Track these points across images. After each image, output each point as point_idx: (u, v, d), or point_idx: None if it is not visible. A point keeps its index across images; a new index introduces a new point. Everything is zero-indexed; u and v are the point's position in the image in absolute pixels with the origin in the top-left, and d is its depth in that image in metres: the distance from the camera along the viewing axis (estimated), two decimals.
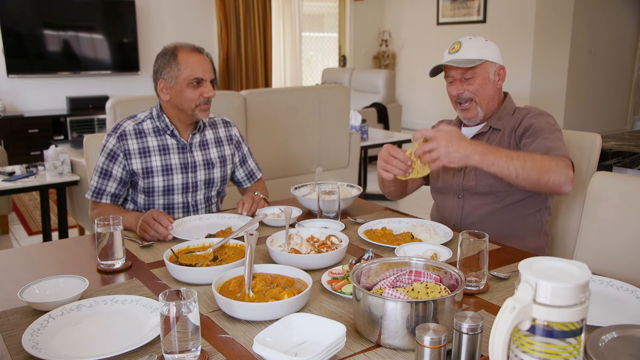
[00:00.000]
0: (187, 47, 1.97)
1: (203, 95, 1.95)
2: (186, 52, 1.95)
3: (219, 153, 2.12)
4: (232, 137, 2.19)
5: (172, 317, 0.99)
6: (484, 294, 1.34)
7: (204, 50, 2.01)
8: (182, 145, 2.03)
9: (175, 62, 1.94)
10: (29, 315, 1.24)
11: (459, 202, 1.97)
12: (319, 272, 1.44)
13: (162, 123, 2.01)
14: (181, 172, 2.02)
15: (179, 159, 2.02)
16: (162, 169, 2.00)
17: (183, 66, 1.93)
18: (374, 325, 1.09)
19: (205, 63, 1.97)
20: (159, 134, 2.02)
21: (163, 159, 2.00)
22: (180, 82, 1.94)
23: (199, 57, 1.96)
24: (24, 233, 4.39)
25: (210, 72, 1.98)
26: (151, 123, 2.03)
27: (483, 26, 7.65)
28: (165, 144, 2.02)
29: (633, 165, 2.60)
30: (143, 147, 1.99)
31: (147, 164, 1.98)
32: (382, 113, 6.46)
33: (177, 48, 1.97)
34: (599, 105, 8.07)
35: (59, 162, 3.39)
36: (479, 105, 1.90)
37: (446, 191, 2.01)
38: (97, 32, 6.65)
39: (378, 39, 9.31)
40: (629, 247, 1.63)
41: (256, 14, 7.77)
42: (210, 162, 2.08)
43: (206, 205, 2.12)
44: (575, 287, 0.75)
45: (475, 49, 1.88)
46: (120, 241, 1.51)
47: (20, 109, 6.40)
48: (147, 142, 2.00)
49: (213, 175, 2.09)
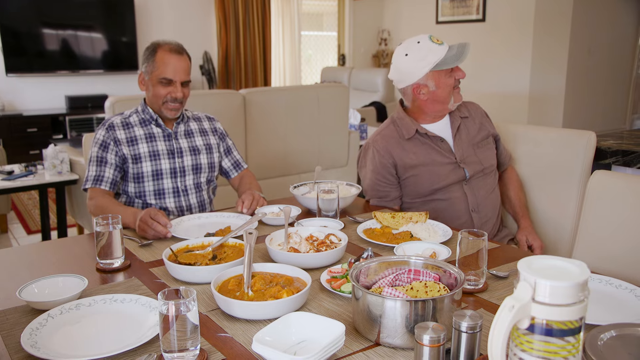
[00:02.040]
0: (167, 46, 2.05)
1: (170, 94, 2.04)
2: (164, 50, 2.03)
3: (205, 141, 2.21)
4: (217, 129, 2.28)
5: (171, 316, 0.99)
6: (483, 292, 1.34)
7: (184, 51, 2.08)
8: (167, 134, 2.13)
9: (152, 59, 2.04)
10: (27, 314, 1.24)
11: (468, 188, 2.06)
12: (318, 271, 1.44)
13: (147, 115, 2.12)
14: (168, 157, 2.10)
15: (165, 146, 2.11)
16: (149, 154, 2.08)
17: (157, 64, 2.03)
18: (373, 324, 1.09)
19: (180, 65, 2.04)
20: (144, 124, 2.12)
21: (150, 146, 2.09)
22: (153, 78, 2.05)
23: (175, 58, 2.04)
24: (23, 232, 4.39)
25: (182, 74, 2.05)
26: (137, 116, 2.13)
27: (482, 25, 7.64)
28: (151, 132, 2.11)
29: (632, 164, 2.60)
30: (130, 137, 2.08)
31: (135, 151, 2.07)
32: (381, 112, 6.46)
33: (158, 45, 2.05)
34: (598, 103, 8.06)
35: (57, 161, 3.39)
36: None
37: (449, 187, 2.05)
38: (96, 31, 6.64)
39: (377, 37, 9.30)
40: (628, 246, 1.63)
41: (255, 13, 7.76)
42: (196, 149, 2.17)
43: (196, 191, 2.16)
44: (574, 285, 0.75)
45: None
46: (119, 240, 1.51)
47: (19, 108, 6.39)
48: (134, 131, 2.10)
49: (200, 160, 2.17)
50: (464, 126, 2.12)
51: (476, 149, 2.10)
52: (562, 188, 2.05)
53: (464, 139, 2.09)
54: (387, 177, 2.08)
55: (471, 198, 2.06)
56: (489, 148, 2.14)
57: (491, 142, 2.16)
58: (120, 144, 2.06)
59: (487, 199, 2.09)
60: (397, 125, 2.10)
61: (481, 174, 2.08)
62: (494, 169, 2.14)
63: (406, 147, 2.06)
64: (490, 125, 2.18)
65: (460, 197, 2.06)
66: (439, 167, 2.04)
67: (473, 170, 2.06)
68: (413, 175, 2.05)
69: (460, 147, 2.07)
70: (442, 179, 2.03)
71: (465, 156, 2.06)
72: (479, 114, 2.18)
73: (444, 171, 2.04)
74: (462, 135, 2.10)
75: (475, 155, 2.09)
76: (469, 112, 2.16)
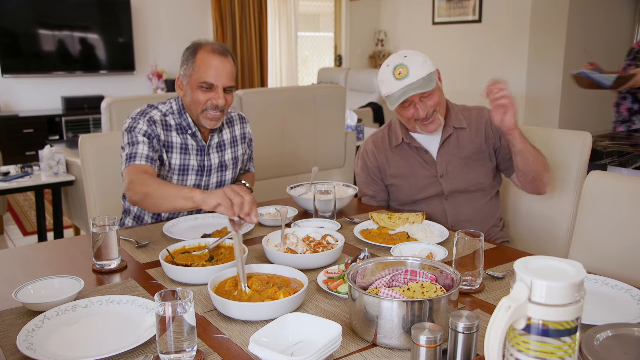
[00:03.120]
0: (210, 46, 1.85)
1: (211, 101, 1.85)
2: (206, 51, 1.84)
3: (233, 154, 2.08)
4: (246, 134, 2.15)
5: (168, 317, 0.99)
6: (480, 293, 1.34)
7: (229, 53, 1.88)
8: (201, 147, 1.97)
9: (192, 60, 1.85)
10: (23, 315, 1.24)
11: (446, 203, 2.00)
12: (314, 272, 1.44)
13: (185, 122, 1.94)
14: (196, 174, 1.98)
15: (196, 161, 1.97)
16: (179, 167, 1.95)
17: (198, 66, 1.83)
18: (369, 325, 1.09)
19: (223, 68, 1.84)
20: (181, 131, 1.94)
21: (182, 158, 1.95)
22: (192, 81, 1.85)
23: (218, 60, 1.83)
24: (19, 233, 4.38)
25: (226, 79, 1.85)
26: (173, 119, 1.94)
27: (479, 26, 7.66)
28: (186, 144, 1.95)
29: (627, 165, 2.61)
30: (167, 141, 1.92)
31: (167, 158, 1.92)
32: (377, 113, 6.46)
33: (199, 45, 1.86)
34: (594, 104, 8.08)
35: (54, 162, 3.39)
36: (439, 113, 1.94)
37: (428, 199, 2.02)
38: (93, 32, 6.63)
39: (374, 38, 9.31)
40: (624, 246, 1.64)
41: (252, 14, 7.76)
42: (224, 164, 2.04)
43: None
44: (570, 286, 0.75)
45: (420, 65, 1.86)
46: (115, 241, 1.51)
47: (15, 109, 6.37)
48: (171, 136, 1.92)
49: (225, 177, 2.07)
50: (456, 138, 2.00)
51: (464, 164, 1.99)
52: (558, 188, 2.05)
53: (451, 152, 2.00)
54: (374, 179, 2.10)
55: (451, 215, 1.99)
56: (481, 165, 2.00)
57: (485, 158, 2.00)
58: (160, 142, 1.89)
59: (473, 219, 1.99)
60: (390, 131, 2.09)
61: (464, 192, 1.99)
62: (483, 187, 2.00)
63: (390, 156, 2.06)
64: (492, 136, 1.99)
65: (439, 212, 2.00)
66: (419, 179, 2.02)
67: (452, 187, 1.98)
68: (394, 184, 2.06)
69: (443, 161, 2.00)
70: (421, 191, 2.02)
71: (449, 170, 1.99)
72: (482, 123, 2.01)
73: (423, 183, 2.01)
74: (449, 148, 2.00)
75: (461, 171, 1.98)
76: (468, 122, 2.01)
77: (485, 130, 2.01)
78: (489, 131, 2.00)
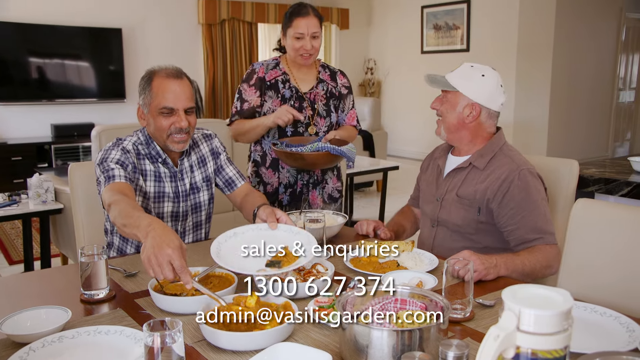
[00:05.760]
0: (164, 71, 1.85)
1: (174, 125, 1.84)
2: (161, 77, 1.84)
3: (204, 174, 2.05)
4: (214, 149, 2.09)
5: (157, 347, 0.98)
6: (470, 321, 1.34)
7: (184, 75, 1.88)
8: (173, 173, 1.96)
9: (149, 88, 1.85)
10: (8, 347, 1.21)
11: (433, 230, 2.01)
12: (304, 301, 1.44)
13: (154, 150, 1.93)
14: (173, 200, 1.97)
15: (171, 188, 1.96)
16: (154, 195, 1.93)
17: (155, 93, 1.83)
18: (360, 354, 1.08)
19: (181, 91, 1.84)
20: (152, 160, 1.93)
21: (157, 186, 1.94)
22: (153, 109, 1.84)
23: (175, 83, 1.83)
24: (5, 262, 4.32)
25: (185, 101, 1.84)
26: (142, 150, 1.93)
27: (466, 55, 7.79)
28: (159, 172, 1.94)
29: (614, 192, 2.64)
30: (142, 169, 1.91)
31: (145, 187, 1.91)
32: (367, 140, 6.50)
33: (153, 72, 1.86)
34: (581, 131, 8.20)
35: (42, 190, 3.36)
36: (443, 126, 1.95)
37: (425, 218, 2.08)
38: (83, 60, 6.66)
39: (363, 67, 9.43)
40: (613, 273, 1.65)
41: (242, 43, 7.84)
42: (195, 187, 2.02)
43: (194, 232, 2.07)
44: (558, 314, 0.75)
45: (459, 76, 1.91)
46: (104, 271, 1.50)
47: (3, 136, 6.35)
48: (145, 164, 1.92)
49: (199, 199, 2.04)
50: (465, 174, 1.91)
51: (456, 200, 1.91)
52: None
53: (454, 183, 1.94)
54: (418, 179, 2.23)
55: (436, 243, 1.99)
56: (467, 210, 1.88)
57: (474, 208, 1.86)
58: (135, 169, 1.87)
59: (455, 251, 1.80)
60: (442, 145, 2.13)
61: (445, 227, 1.95)
62: (463, 231, 1.90)
63: (426, 165, 2.16)
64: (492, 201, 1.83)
65: (428, 234, 2.02)
66: (425, 195, 2.09)
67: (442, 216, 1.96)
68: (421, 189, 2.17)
69: (444, 187, 1.97)
70: (423, 206, 2.09)
71: (444, 199, 1.95)
72: (503, 181, 1.81)
73: (426, 199, 2.07)
74: (454, 179, 1.94)
75: (451, 205, 1.92)
76: (492, 169, 1.86)
77: (498, 187, 1.82)
78: (499, 189, 1.82)
